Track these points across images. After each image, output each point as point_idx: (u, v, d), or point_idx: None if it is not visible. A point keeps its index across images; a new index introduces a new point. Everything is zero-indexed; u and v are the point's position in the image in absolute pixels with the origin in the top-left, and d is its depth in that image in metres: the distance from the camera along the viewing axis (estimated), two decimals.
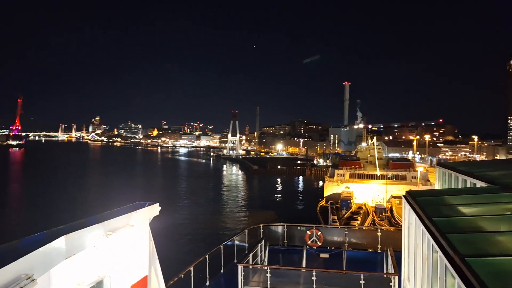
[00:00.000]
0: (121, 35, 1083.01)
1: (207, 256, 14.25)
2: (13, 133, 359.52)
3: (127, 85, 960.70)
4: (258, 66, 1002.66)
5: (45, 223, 59.90)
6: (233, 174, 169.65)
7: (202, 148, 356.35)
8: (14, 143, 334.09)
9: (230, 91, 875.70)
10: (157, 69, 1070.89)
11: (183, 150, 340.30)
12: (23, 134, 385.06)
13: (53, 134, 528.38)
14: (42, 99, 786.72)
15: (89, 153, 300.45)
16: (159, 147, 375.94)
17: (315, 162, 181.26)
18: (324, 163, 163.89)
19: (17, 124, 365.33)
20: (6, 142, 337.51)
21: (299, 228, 20.12)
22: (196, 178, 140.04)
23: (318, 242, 19.43)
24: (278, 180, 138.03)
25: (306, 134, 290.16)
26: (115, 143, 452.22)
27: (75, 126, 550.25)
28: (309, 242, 19.40)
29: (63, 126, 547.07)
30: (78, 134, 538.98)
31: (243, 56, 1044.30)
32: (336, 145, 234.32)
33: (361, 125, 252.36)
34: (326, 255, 18.49)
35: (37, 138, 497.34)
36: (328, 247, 19.47)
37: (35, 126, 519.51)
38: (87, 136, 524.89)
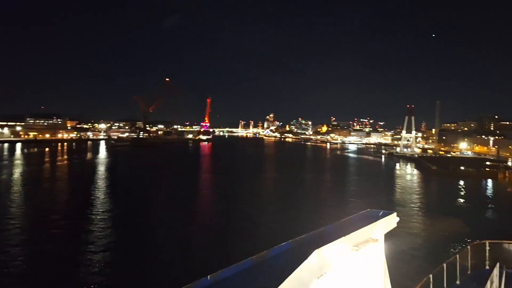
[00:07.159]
0: (297, 35, 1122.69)
1: (430, 276, 12.92)
2: (203, 129, 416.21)
3: (299, 83, 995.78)
4: (437, 57, 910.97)
5: (243, 219, 66.17)
6: (407, 174, 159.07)
7: (372, 145, 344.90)
8: (204, 137, 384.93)
9: (405, 84, 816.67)
10: (327, 66, 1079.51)
11: (352, 147, 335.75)
12: (211, 130, 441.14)
13: (234, 130, 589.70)
14: (226, 98, 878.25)
15: (265, 148, 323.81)
16: (328, 143, 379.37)
17: (509, 163, 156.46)
18: None
19: (207, 121, 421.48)
20: (197, 137, 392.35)
21: None
22: (368, 176, 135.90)
23: None
24: (462, 183, 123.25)
25: (497, 132, 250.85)
26: (286, 139, 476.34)
27: (252, 123, 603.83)
28: None
29: (242, 123, 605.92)
30: (255, 130, 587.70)
31: (420, 46, 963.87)
32: None
33: None
34: None
35: (221, 133, 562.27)
36: None
37: (220, 123, 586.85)
38: (262, 132, 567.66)
